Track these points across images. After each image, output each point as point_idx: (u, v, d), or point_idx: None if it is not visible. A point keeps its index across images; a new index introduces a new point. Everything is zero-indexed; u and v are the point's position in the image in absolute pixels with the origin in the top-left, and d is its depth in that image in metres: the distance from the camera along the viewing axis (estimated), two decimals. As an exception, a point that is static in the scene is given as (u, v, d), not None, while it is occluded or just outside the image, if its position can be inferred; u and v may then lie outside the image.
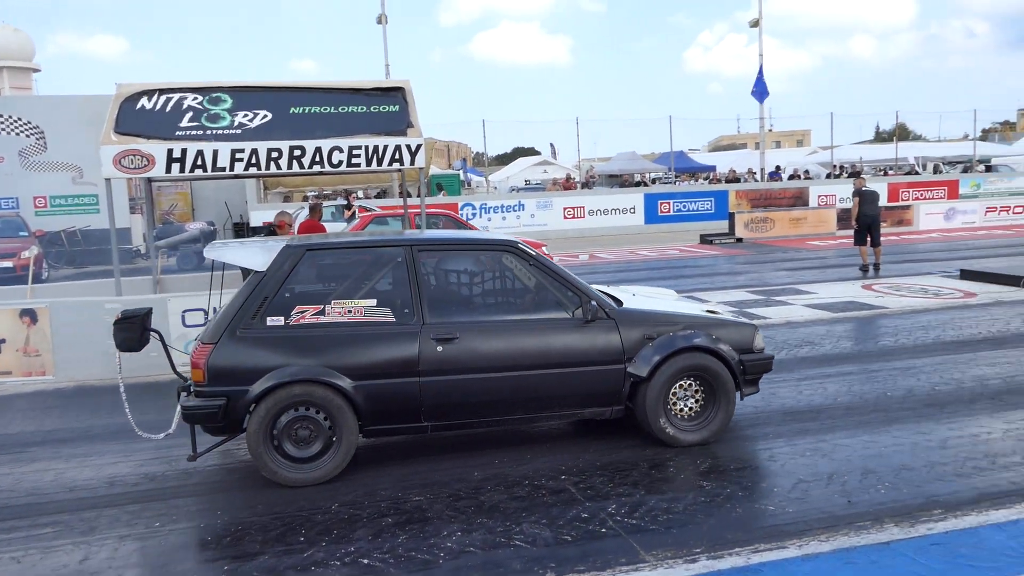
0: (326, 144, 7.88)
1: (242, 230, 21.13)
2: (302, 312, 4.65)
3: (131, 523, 4.21)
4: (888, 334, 8.30)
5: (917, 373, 6.60)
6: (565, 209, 24.41)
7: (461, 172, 30.45)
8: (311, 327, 4.65)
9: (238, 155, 7.70)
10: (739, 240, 21.16)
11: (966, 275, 12.07)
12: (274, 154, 7.78)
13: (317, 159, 7.88)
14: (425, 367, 4.67)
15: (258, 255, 4.81)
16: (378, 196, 24.39)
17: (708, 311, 5.66)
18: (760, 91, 27.28)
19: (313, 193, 23.56)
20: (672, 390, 5.00)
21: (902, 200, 26.13)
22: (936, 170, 35.67)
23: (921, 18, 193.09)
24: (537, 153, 55.42)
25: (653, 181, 34.64)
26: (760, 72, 27.30)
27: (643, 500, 4.22)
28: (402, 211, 12.03)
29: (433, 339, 4.69)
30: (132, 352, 4.89)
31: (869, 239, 13.26)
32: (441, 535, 3.90)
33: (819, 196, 26.55)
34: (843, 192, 25.41)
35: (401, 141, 8.16)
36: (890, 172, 33.87)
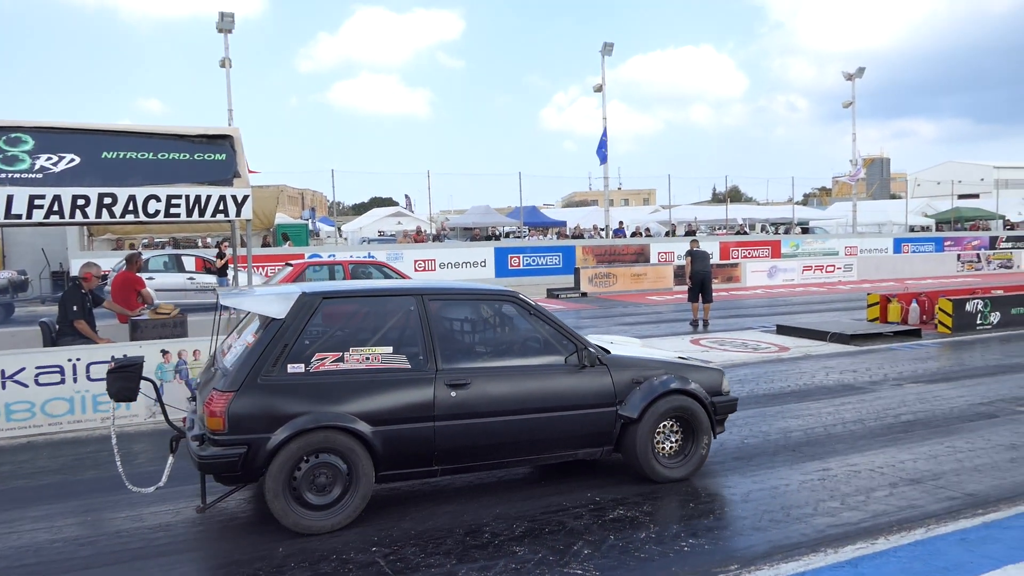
0: (141, 192, 7.36)
1: (61, 280, 19.40)
2: (322, 359, 4.71)
3: None
4: (709, 388, 8.71)
5: (730, 426, 6.88)
6: (416, 261, 24.28)
7: (309, 221, 29.67)
8: (331, 374, 4.70)
9: (37, 202, 7.02)
10: (584, 294, 21.87)
11: (782, 330, 13.03)
12: (80, 202, 7.16)
13: (131, 208, 7.32)
14: (440, 412, 4.82)
15: (275, 303, 4.81)
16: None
17: (680, 357, 6.02)
18: (601, 153, 28.64)
19: (145, 241, 22.09)
20: (657, 430, 5.35)
21: (732, 258, 28.09)
22: (763, 230, 38.77)
23: (751, 91, 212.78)
24: (395, 204, 55.31)
25: (506, 235, 35.34)
26: (604, 134, 28.71)
27: (454, 570, 4.09)
28: (336, 262, 13.30)
29: (447, 385, 4.86)
30: (128, 402, 4.91)
31: (701, 295, 14.08)
32: (229, 624, 3.58)
33: (659, 253, 28.07)
34: (680, 249, 26.97)
35: (226, 191, 7.77)
36: (721, 231, 36.41)
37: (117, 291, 9.23)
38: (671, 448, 5.43)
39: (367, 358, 4.77)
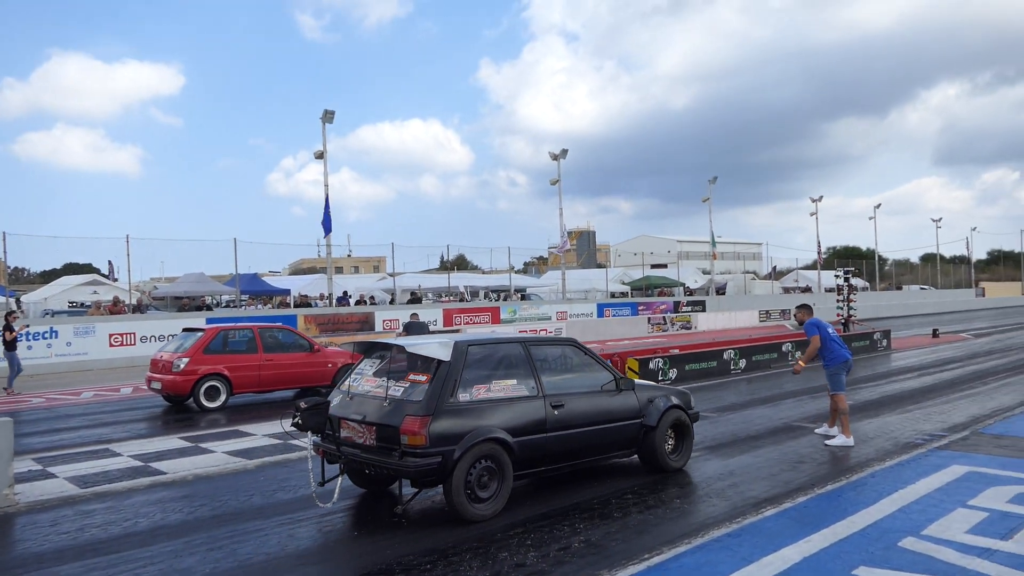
0: None
1: None
2: (478, 389, 6.26)
3: None
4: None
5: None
6: (112, 336, 21.79)
7: (-26, 292, 25.20)
8: (485, 400, 6.25)
9: None
10: (305, 365, 21.00)
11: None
12: None
13: None
14: (549, 425, 6.51)
15: (440, 349, 6.28)
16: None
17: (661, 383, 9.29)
18: (326, 222, 28.25)
19: None
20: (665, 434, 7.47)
21: (454, 324, 28.98)
22: (486, 297, 40.69)
23: (476, 165, 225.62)
24: (95, 271, 49.29)
25: (227, 304, 33.05)
26: (327, 203, 28.38)
27: None
28: (247, 327, 13.60)
29: (551, 406, 6.58)
30: (319, 433, 6.37)
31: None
32: None
33: (384, 321, 28.11)
34: (405, 317, 27.23)
35: None
36: (446, 299, 37.59)
37: None
38: (670, 448, 7.54)
39: (503, 387, 6.40)
